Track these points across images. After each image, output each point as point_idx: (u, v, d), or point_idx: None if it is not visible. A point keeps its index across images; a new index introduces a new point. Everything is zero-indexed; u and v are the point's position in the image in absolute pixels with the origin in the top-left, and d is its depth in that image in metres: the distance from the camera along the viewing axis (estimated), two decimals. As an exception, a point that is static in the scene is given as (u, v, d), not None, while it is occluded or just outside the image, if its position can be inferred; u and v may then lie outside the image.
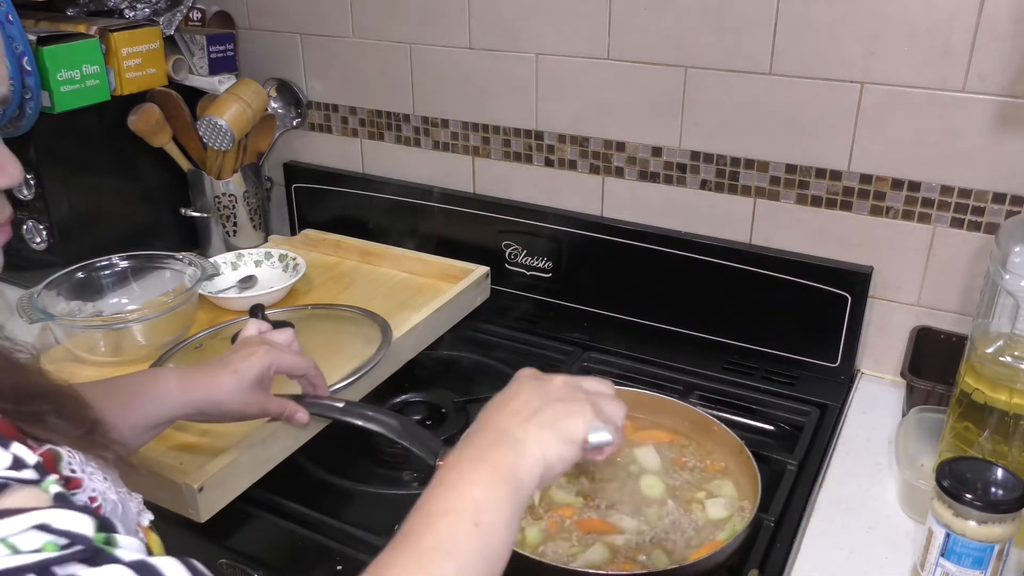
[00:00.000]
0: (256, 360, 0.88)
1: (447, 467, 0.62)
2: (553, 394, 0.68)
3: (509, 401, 0.68)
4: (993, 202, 1.04)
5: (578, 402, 0.67)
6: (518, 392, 0.68)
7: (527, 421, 0.65)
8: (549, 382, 0.70)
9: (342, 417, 0.96)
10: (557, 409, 0.66)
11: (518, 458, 0.62)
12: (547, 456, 0.63)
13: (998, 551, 0.76)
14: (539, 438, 0.64)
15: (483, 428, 0.66)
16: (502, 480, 0.60)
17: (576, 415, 0.66)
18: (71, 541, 0.43)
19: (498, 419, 0.66)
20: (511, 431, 0.64)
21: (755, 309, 1.21)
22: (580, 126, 1.27)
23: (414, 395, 1.18)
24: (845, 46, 1.06)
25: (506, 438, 0.63)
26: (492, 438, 0.64)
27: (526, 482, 0.61)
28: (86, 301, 1.26)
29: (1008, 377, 0.85)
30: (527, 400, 0.67)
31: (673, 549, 0.86)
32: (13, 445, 0.47)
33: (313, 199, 1.56)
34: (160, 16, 1.44)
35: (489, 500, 0.59)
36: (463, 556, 0.55)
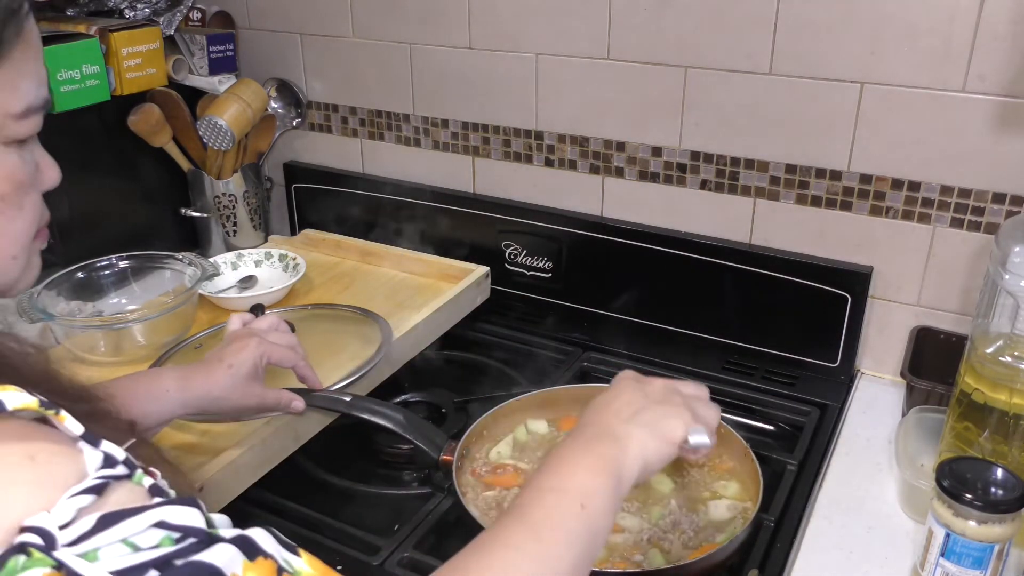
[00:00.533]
0: (248, 353, 0.89)
1: (556, 453, 0.65)
2: (653, 396, 0.72)
3: (611, 402, 0.71)
4: (993, 202, 1.04)
5: (676, 405, 0.71)
6: (619, 393, 0.72)
7: (628, 421, 0.68)
8: (649, 384, 0.74)
9: (348, 411, 0.97)
10: (656, 411, 0.70)
11: (621, 453, 0.65)
12: (647, 454, 0.67)
13: (998, 551, 0.76)
14: (640, 437, 0.67)
15: (588, 425, 0.69)
16: (606, 471, 0.63)
17: (674, 417, 0.70)
18: (185, 534, 0.44)
19: (601, 418, 0.69)
20: (614, 429, 0.68)
21: (755, 309, 1.21)
22: (580, 126, 1.27)
23: (414, 395, 1.18)
24: (845, 46, 1.06)
25: (609, 435, 0.67)
26: (596, 433, 0.67)
27: (626, 476, 0.65)
28: (86, 301, 1.26)
29: (1008, 377, 0.85)
30: (628, 401, 0.71)
31: (670, 549, 0.86)
32: (103, 443, 0.47)
33: (313, 199, 1.56)
34: (160, 16, 1.44)
35: (594, 487, 0.62)
36: (571, 532, 0.58)
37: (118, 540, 0.42)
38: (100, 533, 0.42)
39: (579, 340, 1.29)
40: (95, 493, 0.44)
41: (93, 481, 0.45)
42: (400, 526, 0.94)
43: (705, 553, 0.83)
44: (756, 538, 0.89)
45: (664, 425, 0.69)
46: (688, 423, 0.70)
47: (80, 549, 0.42)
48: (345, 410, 0.98)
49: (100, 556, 0.42)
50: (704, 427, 0.71)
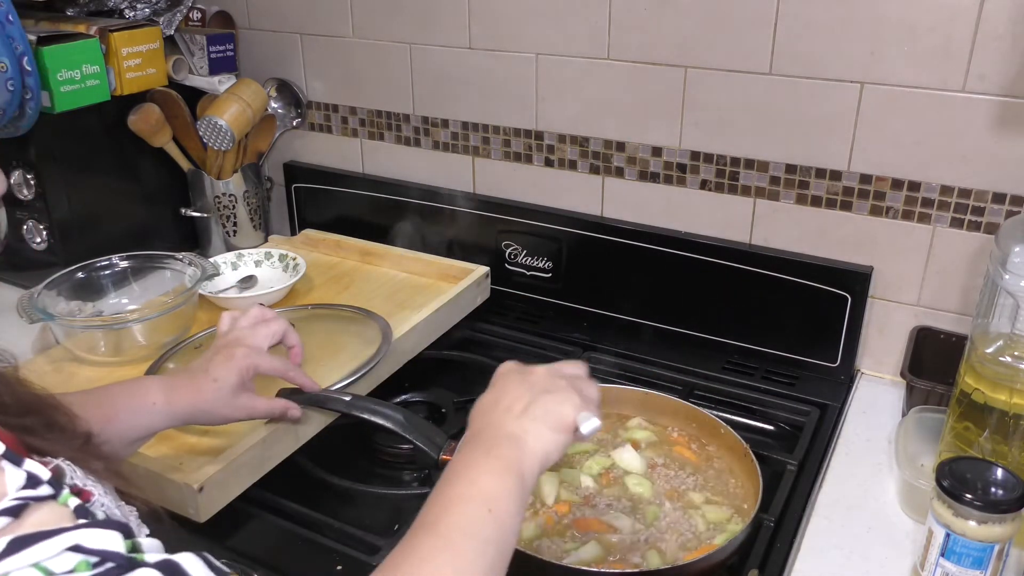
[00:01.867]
0: (234, 365, 0.86)
1: (458, 461, 0.65)
2: (538, 386, 0.70)
3: (499, 401, 0.70)
4: (993, 202, 1.04)
5: (563, 390, 0.70)
6: (505, 390, 0.71)
7: (520, 417, 0.67)
8: (532, 374, 0.73)
9: (348, 411, 0.97)
10: (545, 401, 0.69)
11: (520, 452, 0.65)
12: (545, 448, 0.66)
13: (998, 551, 0.76)
14: (535, 432, 0.67)
15: (481, 429, 0.68)
16: (509, 472, 0.63)
17: (564, 403, 0.69)
18: (103, 559, 0.43)
19: (493, 419, 0.69)
20: (508, 428, 0.67)
21: (755, 309, 1.21)
22: (580, 126, 1.27)
23: (414, 395, 1.18)
24: (845, 46, 1.06)
25: (505, 436, 0.66)
26: (492, 436, 0.67)
27: (528, 475, 0.64)
28: (86, 301, 1.26)
29: (1008, 377, 0.85)
30: (516, 396, 0.70)
31: (666, 550, 0.86)
32: (26, 462, 0.46)
33: (313, 199, 1.56)
34: (160, 16, 1.44)
35: (499, 490, 0.62)
36: (481, 539, 0.58)
37: (29, 564, 0.41)
38: (10, 557, 0.41)
39: (579, 340, 1.29)
40: (11, 515, 0.43)
41: (10, 502, 0.43)
42: (400, 526, 0.94)
43: (704, 553, 0.83)
44: (756, 538, 0.89)
45: (556, 414, 0.68)
46: (578, 406, 0.69)
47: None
48: (345, 410, 0.98)
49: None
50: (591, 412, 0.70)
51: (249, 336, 0.90)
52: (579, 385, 0.72)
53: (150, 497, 0.90)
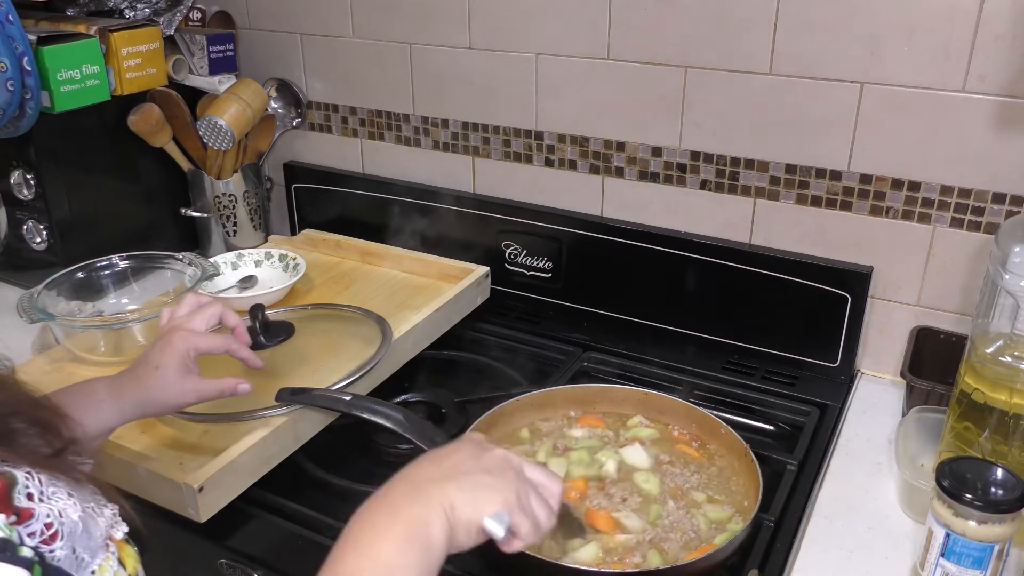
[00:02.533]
0: (172, 350, 0.86)
1: (360, 522, 0.61)
2: (484, 464, 0.66)
3: (442, 457, 0.67)
4: (993, 202, 1.04)
5: (505, 480, 0.65)
6: (453, 452, 0.68)
7: (447, 480, 0.63)
8: (488, 453, 0.68)
9: (348, 411, 0.97)
10: (481, 480, 0.64)
11: (429, 515, 0.61)
12: (454, 521, 0.61)
13: (998, 551, 0.76)
14: (451, 501, 0.62)
15: (403, 480, 0.65)
16: (414, 539, 0.59)
17: (495, 491, 0.64)
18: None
19: (422, 472, 0.65)
20: (427, 487, 0.63)
21: (755, 309, 1.21)
22: (580, 126, 1.27)
23: (414, 395, 1.18)
24: (845, 46, 1.06)
25: (419, 494, 0.62)
26: (407, 492, 0.63)
27: (436, 543, 0.60)
28: (86, 301, 1.26)
29: (1008, 377, 0.85)
30: (457, 461, 0.66)
31: (669, 550, 0.86)
32: None
33: (313, 199, 1.56)
34: (160, 16, 1.44)
35: (400, 563, 0.58)
36: None
37: None
38: None
39: (579, 340, 1.29)
40: None
41: None
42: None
43: (704, 553, 0.83)
44: (756, 538, 0.89)
45: (480, 497, 0.63)
46: (508, 503, 0.63)
47: None
48: (345, 410, 0.98)
49: None
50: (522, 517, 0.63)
51: (186, 322, 0.90)
52: (525, 491, 0.66)
53: (150, 497, 0.91)
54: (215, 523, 0.91)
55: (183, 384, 0.86)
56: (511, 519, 0.63)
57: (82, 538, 0.56)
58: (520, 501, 0.64)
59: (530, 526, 0.65)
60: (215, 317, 0.92)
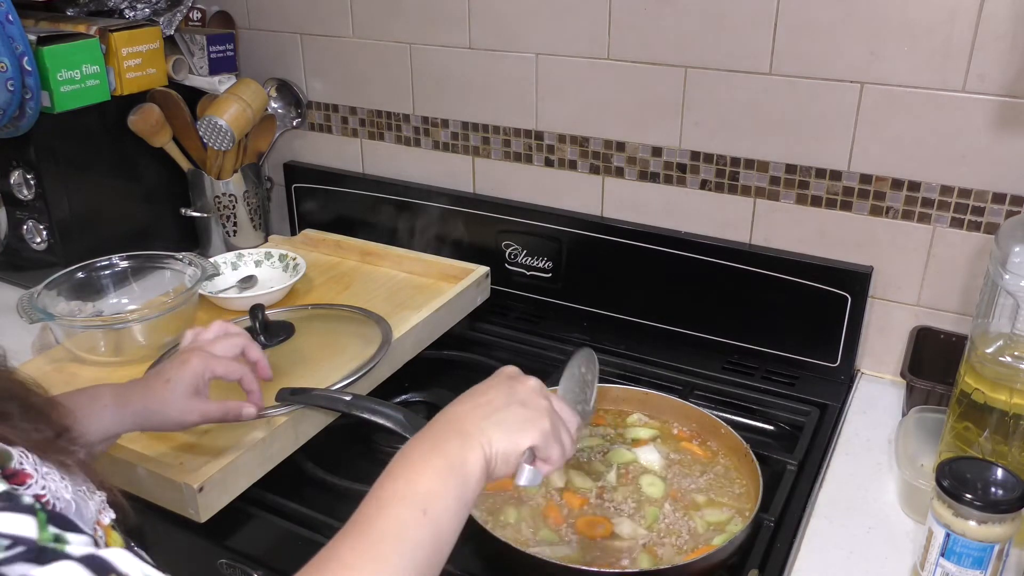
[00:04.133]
0: (189, 368, 0.86)
1: (401, 456, 0.64)
2: (518, 397, 0.69)
3: (475, 396, 0.70)
4: (993, 202, 1.04)
5: (539, 413, 0.69)
6: (488, 388, 0.71)
7: (484, 418, 0.67)
8: (521, 384, 0.72)
9: (348, 410, 0.97)
10: (516, 413, 0.68)
11: (466, 451, 0.64)
12: (492, 455, 0.65)
13: (998, 551, 0.76)
14: (489, 437, 0.65)
15: (443, 417, 0.68)
16: (450, 470, 0.62)
17: (530, 423, 0.68)
18: (14, 542, 0.44)
19: (460, 410, 0.68)
20: (465, 424, 0.66)
21: (755, 309, 1.21)
22: (580, 126, 1.27)
23: (414, 395, 1.18)
24: (845, 46, 1.06)
25: (458, 431, 0.65)
26: (446, 429, 0.66)
27: (472, 476, 0.63)
28: (86, 301, 1.26)
29: (1008, 377, 0.85)
30: (492, 398, 0.69)
31: (662, 555, 0.86)
32: None
33: (313, 199, 1.56)
34: (160, 16, 1.44)
35: (436, 490, 0.61)
36: (411, 541, 0.58)
37: None
38: None
39: (579, 340, 1.29)
40: None
41: None
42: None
43: (704, 554, 0.83)
44: (756, 538, 0.89)
45: (517, 430, 0.67)
46: (544, 433, 0.67)
47: None
48: (345, 410, 0.98)
49: None
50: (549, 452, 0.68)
51: (208, 345, 0.91)
52: (556, 421, 0.70)
53: (150, 497, 0.91)
54: (215, 523, 0.91)
55: (189, 403, 0.86)
56: (541, 449, 0.67)
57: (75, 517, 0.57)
58: (553, 429, 0.69)
59: (559, 453, 0.69)
60: (237, 347, 0.93)
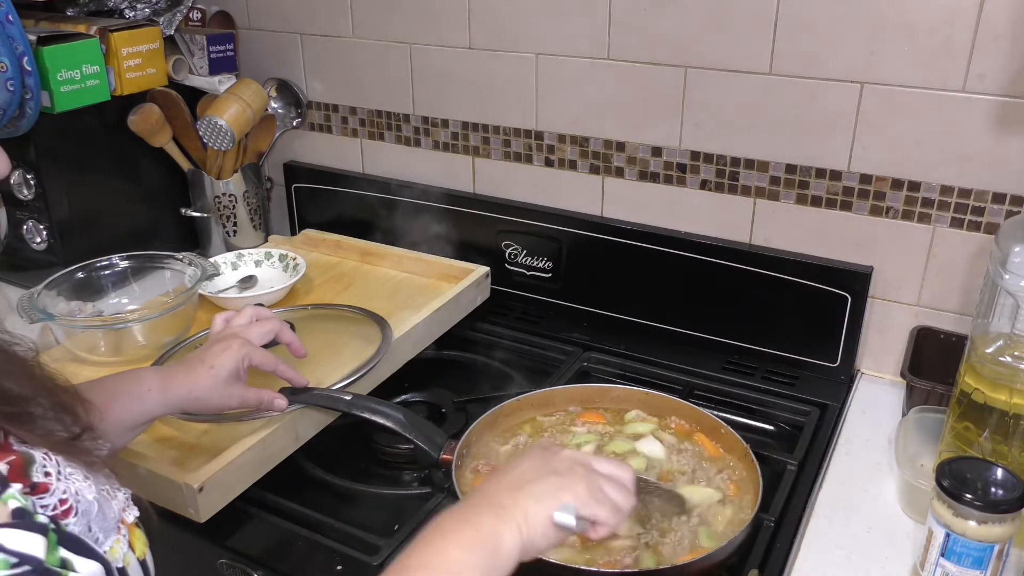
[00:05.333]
0: (231, 354, 0.90)
1: (433, 525, 0.63)
2: (552, 466, 0.69)
3: (510, 471, 0.69)
4: (993, 202, 1.04)
5: (575, 478, 0.68)
6: (521, 462, 0.70)
7: (518, 491, 0.66)
8: (555, 455, 0.71)
9: (348, 410, 0.97)
10: (551, 483, 0.67)
11: (500, 524, 0.63)
12: (530, 528, 0.64)
13: (998, 551, 0.76)
14: (525, 509, 0.64)
15: (477, 494, 0.68)
16: (481, 543, 0.61)
17: (566, 489, 0.66)
18: (20, 561, 0.44)
19: (492, 485, 0.68)
20: (499, 497, 0.65)
21: (755, 309, 1.21)
22: (580, 126, 1.27)
23: (414, 395, 1.18)
24: (845, 46, 1.06)
25: (493, 505, 0.65)
26: (480, 504, 0.66)
27: (505, 550, 0.62)
28: (86, 301, 1.26)
29: (1008, 377, 0.85)
30: (526, 471, 0.68)
31: (665, 554, 0.86)
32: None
33: (313, 199, 1.56)
34: (160, 16, 1.44)
35: (464, 561, 0.60)
36: None
37: None
38: None
39: (579, 340, 1.29)
40: None
41: None
42: (400, 526, 0.94)
43: (703, 553, 0.83)
44: (756, 538, 0.89)
45: (551, 497, 0.65)
46: (580, 497, 0.66)
47: None
48: (345, 409, 0.98)
49: None
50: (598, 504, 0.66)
51: (244, 331, 0.94)
52: (599, 481, 0.69)
53: (150, 497, 0.92)
54: (215, 523, 0.91)
55: (230, 388, 0.89)
56: (583, 510, 0.66)
57: (97, 518, 0.58)
58: (591, 491, 0.67)
59: (608, 511, 0.67)
60: (271, 334, 0.96)
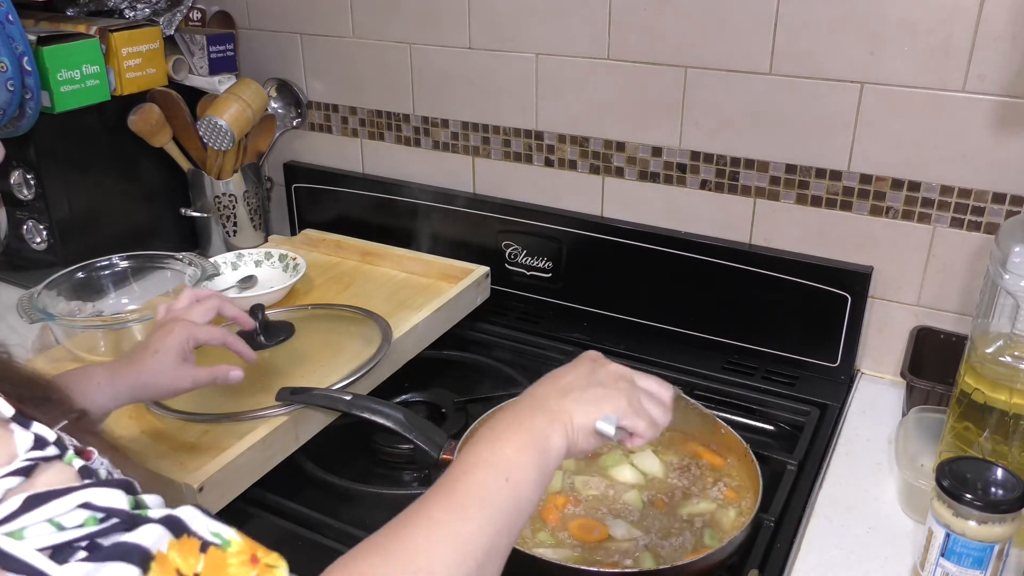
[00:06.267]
0: (173, 336, 0.90)
1: (487, 427, 0.66)
2: (598, 378, 0.72)
3: (559, 377, 0.73)
4: (993, 202, 1.04)
5: (618, 391, 0.71)
6: (570, 370, 0.73)
7: (564, 396, 0.69)
8: (602, 367, 0.74)
9: (348, 410, 0.97)
10: (596, 392, 0.70)
11: (549, 426, 0.66)
12: (575, 431, 0.67)
13: (998, 551, 0.76)
14: (571, 413, 0.68)
15: (527, 396, 0.71)
16: (532, 444, 0.64)
17: (609, 400, 0.70)
18: (108, 515, 0.46)
19: (542, 390, 0.71)
20: (549, 403, 0.69)
21: (755, 309, 1.21)
22: (580, 126, 1.27)
23: (414, 395, 1.18)
24: (845, 46, 1.06)
25: (543, 409, 0.68)
26: (531, 406, 0.69)
27: (554, 450, 0.65)
28: (86, 301, 1.26)
29: (1008, 377, 0.85)
30: (574, 378, 0.72)
31: (665, 555, 0.86)
32: (33, 425, 0.49)
33: (313, 199, 1.56)
34: (160, 16, 1.44)
35: (520, 460, 0.63)
36: (493, 506, 0.60)
37: (44, 520, 0.44)
38: (26, 513, 0.43)
39: (579, 340, 1.29)
40: (23, 475, 0.46)
41: (21, 463, 0.46)
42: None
43: (703, 554, 0.83)
44: (756, 538, 0.89)
45: (597, 407, 0.69)
46: (619, 408, 0.70)
47: (6, 529, 0.43)
48: (345, 409, 0.98)
49: (26, 535, 0.43)
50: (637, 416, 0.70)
51: (185, 313, 0.94)
52: (642, 398, 0.73)
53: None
54: (215, 523, 0.91)
55: (179, 370, 0.89)
56: (623, 421, 0.69)
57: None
58: (632, 405, 0.71)
59: (646, 424, 0.71)
60: (213, 310, 0.96)
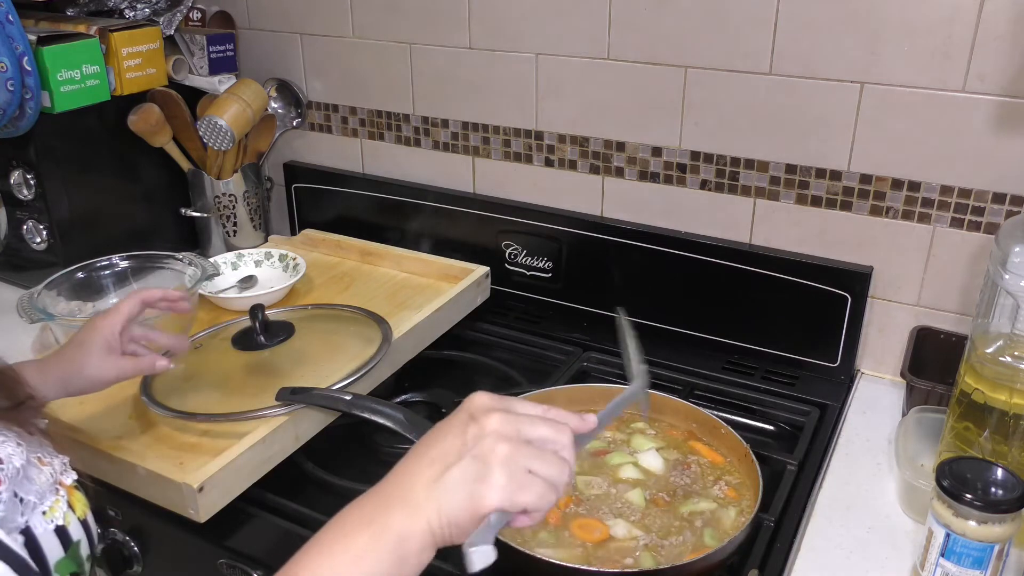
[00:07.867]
0: (96, 329, 0.93)
1: (342, 517, 0.58)
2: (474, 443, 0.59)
3: (429, 447, 0.60)
4: (993, 202, 1.04)
5: (490, 466, 0.57)
6: (445, 434, 0.60)
7: (433, 483, 0.57)
8: (479, 426, 0.59)
9: (348, 410, 0.97)
10: (468, 470, 0.57)
11: (410, 524, 0.56)
12: (442, 528, 0.57)
13: (998, 551, 0.76)
14: (438, 504, 0.57)
15: (394, 475, 0.60)
16: (385, 549, 0.56)
17: (484, 484, 0.57)
18: None
19: (412, 467, 0.60)
20: (414, 493, 0.58)
21: (755, 309, 1.21)
22: (580, 126, 1.27)
23: (414, 395, 1.18)
24: (845, 46, 1.06)
25: (406, 501, 0.57)
26: (391, 495, 0.59)
27: (412, 554, 0.56)
28: (86, 301, 1.26)
29: (1008, 377, 0.85)
30: (447, 449, 0.59)
31: (665, 555, 0.86)
32: None
33: (313, 199, 1.56)
34: (160, 16, 1.44)
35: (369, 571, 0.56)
36: None
37: None
38: None
39: (579, 340, 1.29)
40: None
41: None
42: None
43: (703, 553, 0.83)
44: (756, 538, 0.89)
45: (473, 495, 0.56)
46: (501, 488, 0.56)
47: None
48: (345, 409, 0.98)
49: None
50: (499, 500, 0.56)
51: (112, 309, 0.96)
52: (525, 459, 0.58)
53: (150, 497, 0.92)
54: (215, 523, 0.91)
55: (104, 361, 0.92)
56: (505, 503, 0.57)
57: (23, 484, 0.64)
58: (514, 479, 0.57)
59: (535, 496, 0.57)
60: (139, 304, 0.97)
